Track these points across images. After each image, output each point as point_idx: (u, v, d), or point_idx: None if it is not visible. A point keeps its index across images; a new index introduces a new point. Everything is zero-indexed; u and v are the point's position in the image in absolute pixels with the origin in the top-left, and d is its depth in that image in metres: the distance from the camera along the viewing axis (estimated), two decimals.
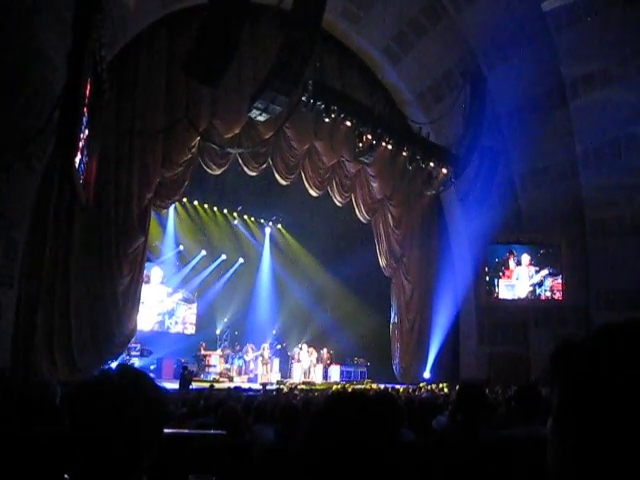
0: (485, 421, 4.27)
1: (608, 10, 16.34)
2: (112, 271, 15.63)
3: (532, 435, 3.57)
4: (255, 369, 21.70)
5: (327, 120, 16.38)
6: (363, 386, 19.00)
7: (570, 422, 0.88)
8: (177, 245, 22.99)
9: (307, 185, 20.24)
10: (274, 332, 24.42)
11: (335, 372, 22.72)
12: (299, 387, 16.88)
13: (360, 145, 17.25)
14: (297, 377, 21.53)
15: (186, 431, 4.90)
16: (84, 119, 9.71)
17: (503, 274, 20.41)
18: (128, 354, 18.25)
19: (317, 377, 21.97)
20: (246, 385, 17.60)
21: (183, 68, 10.51)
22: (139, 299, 16.87)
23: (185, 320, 23.91)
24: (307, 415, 5.11)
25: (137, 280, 16.53)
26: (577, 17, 16.90)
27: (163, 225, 22.11)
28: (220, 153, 17.66)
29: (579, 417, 0.86)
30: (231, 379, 20.29)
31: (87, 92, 9.60)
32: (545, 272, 20.12)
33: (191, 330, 23.94)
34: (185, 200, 22.17)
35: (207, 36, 9.95)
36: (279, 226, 26.58)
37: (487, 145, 18.39)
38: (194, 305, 24.16)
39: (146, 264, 18.31)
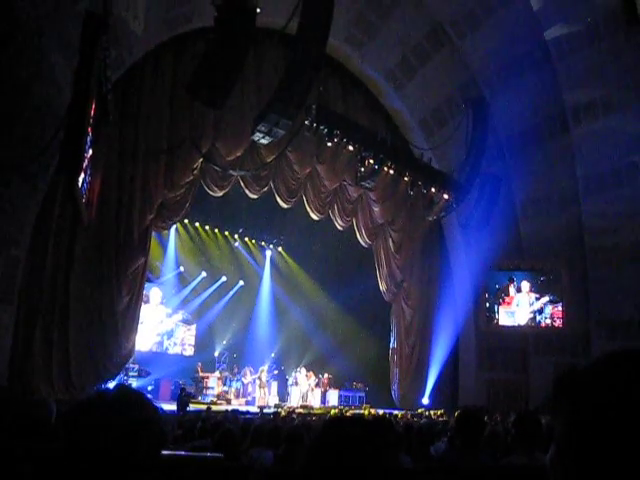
0: (484, 448, 4.24)
1: (610, 38, 16.46)
2: (112, 291, 15.61)
3: (532, 463, 3.54)
4: (253, 392, 21.57)
5: (329, 144, 16.41)
6: (361, 411, 18.87)
7: (574, 450, 0.87)
8: (177, 266, 22.96)
9: (308, 209, 20.27)
10: (273, 355, 24.31)
11: (333, 396, 22.60)
12: (297, 411, 16.77)
13: (362, 170, 17.26)
14: (295, 401, 21.40)
15: (183, 453, 4.87)
16: (88, 139, 9.75)
17: (503, 301, 20.35)
18: (126, 374, 18.16)
19: (315, 401, 21.83)
20: (244, 408, 17.49)
21: (187, 90, 10.58)
22: (138, 319, 16.82)
23: (184, 341, 23.81)
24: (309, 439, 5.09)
25: (136, 300, 16.50)
26: (579, 45, 17.03)
27: (164, 246, 22.11)
28: (222, 175, 17.72)
29: (583, 445, 0.85)
30: (229, 402, 20.17)
31: (92, 112, 9.65)
32: (545, 299, 20.06)
33: (190, 352, 23.84)
34: (186, 221, 22.20)
35: (212, 58, 10.02)
36: (280, 249, 26.55)
37: (489, 171, 18.42)
38: (193, 326, 24.08)
39: (146, 284, 18.29)
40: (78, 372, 14.78)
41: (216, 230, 24.30)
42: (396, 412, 17.08)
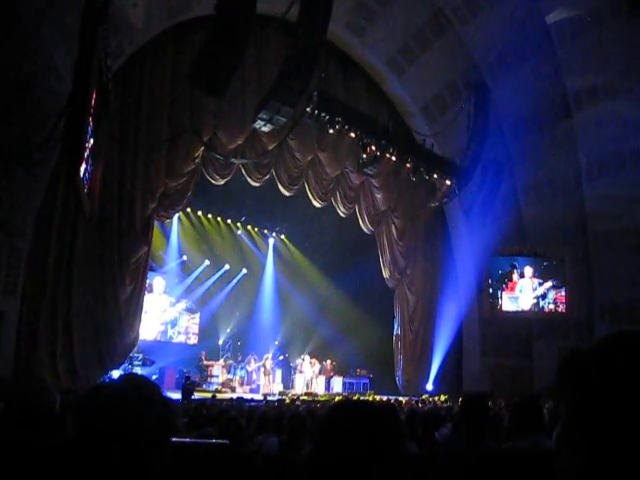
0: (489, 433, 4.25)
1: (612, 23, 16.36)
2: (115, 280, 15.64)
3: (536, 447, 3.55)
4: (257, 380, 21.65)
5: (331, 131, 16.37)
6: (366, 398, 18.92)
7: (579, 431, 0.87)
8: (180, 255, 22.99)
9: (310, 196, 20.25)
10: (277, 343, 24.34)
11: (338, 383, 22.65)
12: (301, 398, 16.83)
13: (364, 156, 17.23)
14: (299, 388, 21.46)
15: (188, 440, 4.88)
16: (89, 128, 9.73)
17: (506, 286, 20.33)
18: (130, 363, 18.19)
19: (319, 388, 21.89)
20: (248, 396, 17.54)
21: (189, 78, 10.54)
22: (142, 308, 16.85)
23: (188, 330, 23.89)
24: (312, 425, 5.10)
25: (140, 289, 16.53)
26: (581, 30, 16.94)
27: (167, 235, 22.15)
28: (223, 164, 17.69)
29: (588, 426, 0.86)
30: (233, 390, 20.22)
31: (92, 102, 9.63)
32: (549, 284, 20.04)
33: (194, 340, 23.92)
34: (189, 210, 22.22)
35: (212, 46, 9.99)
36: (282, 237, 26.59)
37: (491, 157, 18.38)
38: (197, 315, 24.15)
39: (149, 274, 18.32)
40: (83, 362, 14.84)
41: (219, 218, 24.32)
42: (400, 398, 17.13)
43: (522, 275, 20.32)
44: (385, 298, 23.13)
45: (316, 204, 20.56)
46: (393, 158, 17.61)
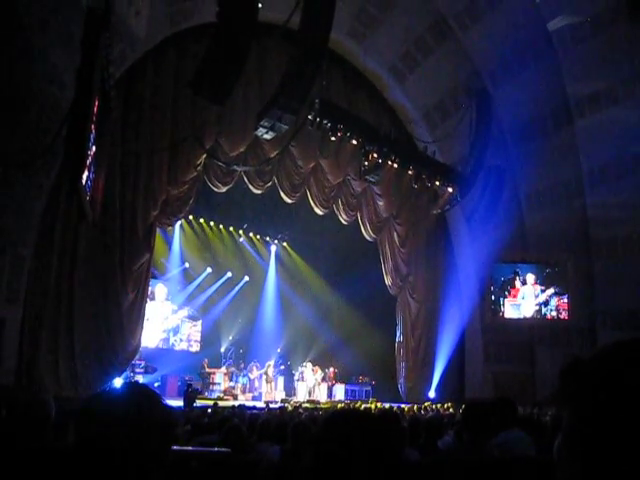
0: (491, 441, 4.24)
1: (613, 29, 16.38)
2: (117, 287, 15.64)
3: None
4: (259, 387, 21.62)
5: (333, 139, 16.40)
6: (368, 405, 18.86)
7: (580, 440, 0.87)
8: (183, 262, 22.98)
9: (312, 203, 20.25)
10: (279, 350, 24.32)
11: (340, 391, 22.60)
12: (303, 405, 16.77)
13: (366, 164, 17.24)
14: (301, 396, 21.41)
15: (190, 448, 4.87)
16: (91, 136, 9.75)
17: (509, 293, 20.31)
18: (132, 371, 18.18)
19: (322, 396, 21.84)
20: (250, 403, 17.50)
21: (190, 86, 10.56)
22: (143, 316, 16.85)
23: (190, 337, 23.85)
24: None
25: (142, 297, 16.54)
26: (582, 36, 16.96)
27: (169, 242, 22.13)
28: (225, 171, 17.72)
29: (589, 435, 0.85)
30: (235, 397, 20.19)
31: (95, 109, 9.65)
32: (551, 291, 20.01)
33: (196, 347, 23.87)
34: (191, 217, 22.19)
35: (214, 54, 10.01)
36: (285, 244, 26.57)
37: (493, 164, 18.37)
38: (199, 322, 24.10)
39: (151, 281, 18.31)
40: (84, 369, 14.84)
41: (221, 226, 24.33)
42: (403, 406, 17.08)
43: (524, 282, 20.29)
44: (387, 305, 23.11)
45: (318, 211, 20.57)
46: (395, 165, 17.62)
